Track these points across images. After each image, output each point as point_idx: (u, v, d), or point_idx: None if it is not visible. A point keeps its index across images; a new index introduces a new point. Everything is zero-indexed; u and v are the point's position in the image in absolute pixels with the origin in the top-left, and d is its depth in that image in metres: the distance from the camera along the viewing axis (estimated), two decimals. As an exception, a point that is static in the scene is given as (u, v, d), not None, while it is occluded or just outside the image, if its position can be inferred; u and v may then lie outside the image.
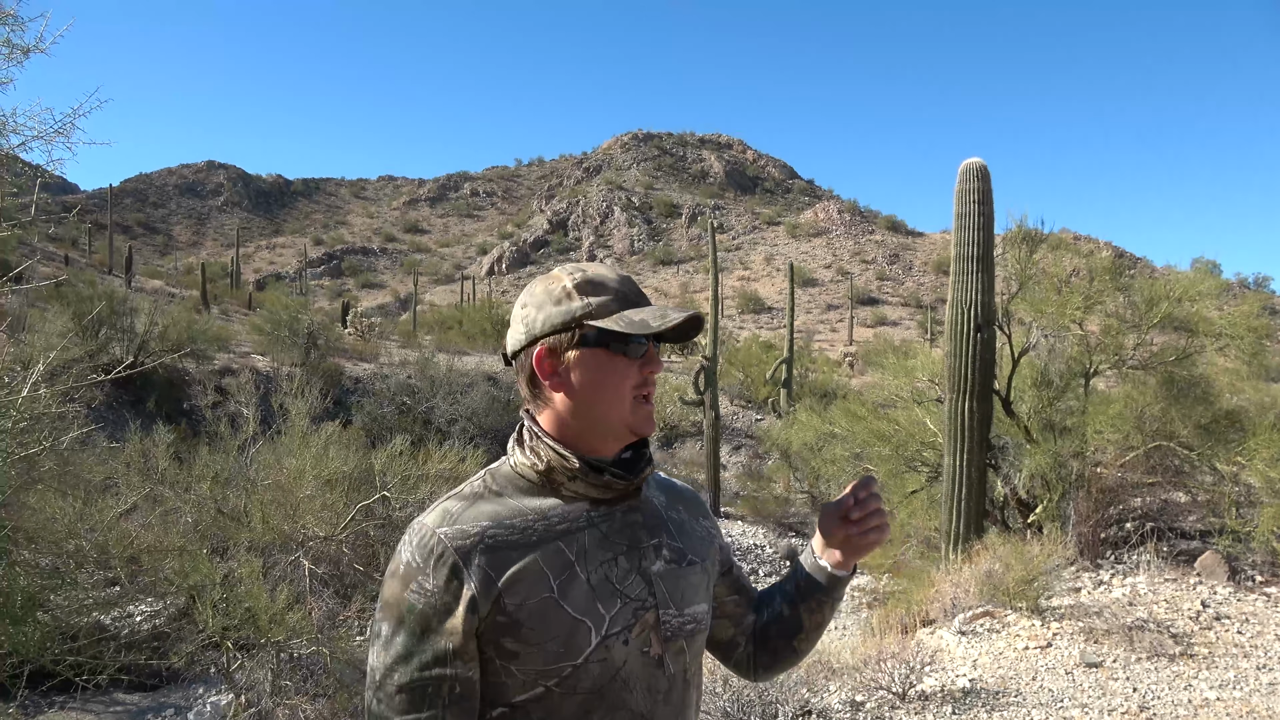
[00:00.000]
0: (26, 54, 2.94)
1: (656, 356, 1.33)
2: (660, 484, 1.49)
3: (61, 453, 4.47)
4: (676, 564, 1.36)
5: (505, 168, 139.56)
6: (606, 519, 1.31)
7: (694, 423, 21.13)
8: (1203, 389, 8.99)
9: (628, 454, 1.36)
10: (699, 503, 1.54)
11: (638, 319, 1.27)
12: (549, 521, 1.27)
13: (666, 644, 1.31)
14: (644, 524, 1.35)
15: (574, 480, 1.28)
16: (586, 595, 1.24)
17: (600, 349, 1.28)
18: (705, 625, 1.40)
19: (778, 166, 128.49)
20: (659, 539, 1.36)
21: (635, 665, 1.27)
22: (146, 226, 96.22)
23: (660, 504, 1.43)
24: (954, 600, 7.30)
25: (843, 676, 5.77)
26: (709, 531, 1.49)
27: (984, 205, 8.71)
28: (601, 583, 1.26)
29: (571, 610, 1.22)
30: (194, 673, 6.49)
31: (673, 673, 1.32)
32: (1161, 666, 5.80)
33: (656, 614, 1.30)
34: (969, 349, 8.49)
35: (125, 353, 14.98)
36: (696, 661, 1.40)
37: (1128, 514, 8.91)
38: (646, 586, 1.30)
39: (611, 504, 1.32)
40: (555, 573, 1.23)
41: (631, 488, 1.32)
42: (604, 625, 1.24)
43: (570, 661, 1.22)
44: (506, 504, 1.28)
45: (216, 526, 6.36)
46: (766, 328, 53.03)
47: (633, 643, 1.27)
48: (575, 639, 1.22)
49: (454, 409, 17.69)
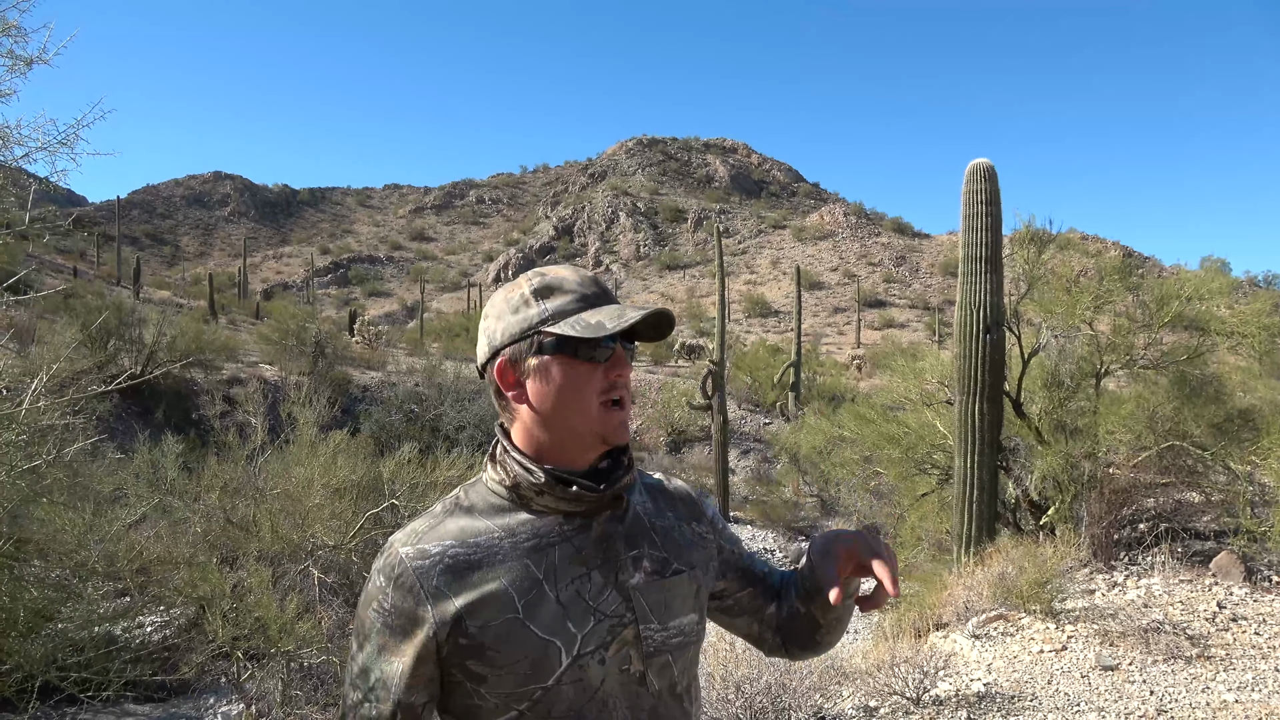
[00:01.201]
0: (30, 65, 2.94)
1: (624, 359, 1.26)
2: (649, 487, 1.42)
3: (70, 464, 4.47)
4: (659, 575, 1.29)
5: (510, 175, 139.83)
6: (581, 532, 1.25)
7: (702, 427, 21.09)
8: (1215, 388, 8.93)
9: (604, 463, 1.29)
10: (692, 502, 1.45)
11: (594, 321, 1.21)
12: (516, 539, 1.22)
13: (649, 660, 1.25)
14: (623, 535, 1.29)
15: (541, 495, 1.23)
16: (556, 614, 1.19)
17: (560, 355, 1.23)
18: (695, 636, 1.33)
19: (783, 170, 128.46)
20: (639, 549, 1.29)
21: (614, 684, 1.22)
22: (154, 238, 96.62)
23: (645, 511, 1.36)
24: (967, 604, 7.25)
25: (855, 681, 5.73)
26: (700, 535, 1.41)
27: (991, 206, 8.67)
28: (573, 600, 1.20)
29: (539, 631, 1.17)
30: (205, 683, 6.49)
31: (658, 689, 1.27)
32: (1178, 669, 5.74)
33: (636, 630, 1.24)
34: (978, 350, 8.44)
35: (134, 363, 15.03)
36: (689, 674, 1.34)
37: (1141, 515, 8.84)
38: (624, 602, 1.24)
39: (588, 516, 1.26)
40: (521, 593, 1.18)
41: (606, 499, 1.26)
42: (575, 645, 1.19)
43: (540, 684, 1.17)
44: (476, 522, 1.23)
45: (225, 536, 6.36)
46: (774, 331, 52.95)
47: (610, 661, 1.22)
48: (545, 660, 1.17)
49: (462, 416, 17.69)
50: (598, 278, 1.30)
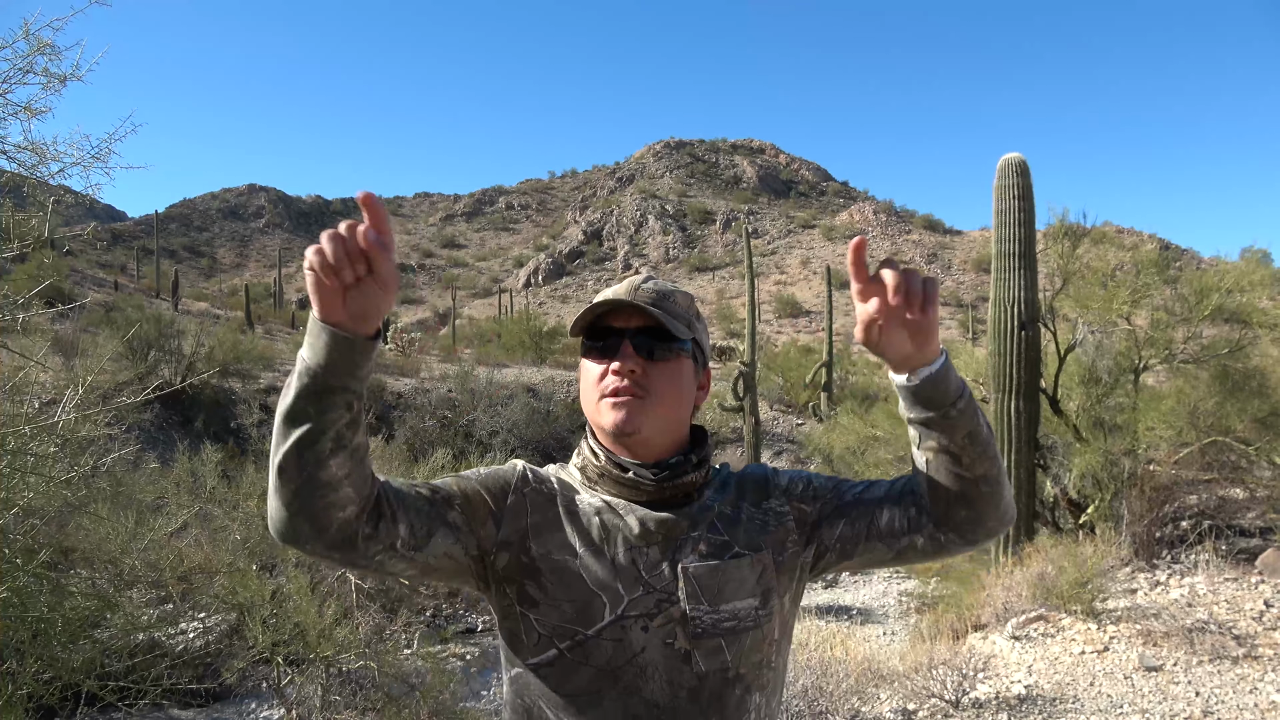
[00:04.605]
0: (64, 82, 3.01)
1: (621, 353, 1.28)
2: (723, 480, 1.40)
3: (112, 473, 4.55)
4: (717, 559, 1.29)
5: (539, 180, 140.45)
6: (649, 508, 1.31)
7: (734, 429, 21.03)
8: (1258, 381, 8.75)
9: (677, 457, 1.33)
10: (762, 482, 1.40)
11: (576, 318, 1.33)
12: (594, 499, 1.33)
13: (696, 641, 1.26)
14: (688, 518, 1.32)
15: (603, 478, 1.33)
16: (608, 572, 1.27)
17: (582, 355, 1.36)
18: (755, 622, 1.29)
19: (811, 169, 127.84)
20: (699, 532, 1.31)
21: (656, 655, 1.25)
22: (191, 250, 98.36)
23: (714, 499, 1.36)
24: (1005, 604, 7.16)
25: (893, 684, 5.68)
26: (774, 512, 1.36)
27: (1024, 201, 8.57)
28: (627, 567, 1.27)
29: (589, 581, 1.26)
30: (246, 688, 6.59)
31: (704, 670, 1.26)
32: (1224, 669, 5.62)
33: (683, 609, 1.26)
34: (1014, 347, 8.34)
35: (173, 374, 15.29)
36: (751, 661, 1.30)
37: (1183, 512, 8.68)
38: (675, 580, 1.27)
39: (653, 506, 1.30)
40: (583, 542, 1.29)
41: (665, 492, 1.31)
42: (621, 606, 1.25)
43: (582, 629, 1.25)
44: (566, 481, 1.37)
45: (265, 543, 6.45)
46: (805, 331, 52.66)
47: (654, 631, 1.25)
48: (590, 609, 1.25)
49: (494, 421, 17.79)
50: (641, 284, 1.35)
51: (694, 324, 1.37)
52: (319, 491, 1.10)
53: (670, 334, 1.30)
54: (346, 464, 1.11)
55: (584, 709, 1.25)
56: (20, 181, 3.23)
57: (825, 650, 6.26)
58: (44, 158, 3.02)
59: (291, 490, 1.10)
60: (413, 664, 5.87)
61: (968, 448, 1.22)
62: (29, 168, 3.11)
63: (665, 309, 1.33)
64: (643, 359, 1.29)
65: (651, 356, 1.30)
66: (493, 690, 6.93)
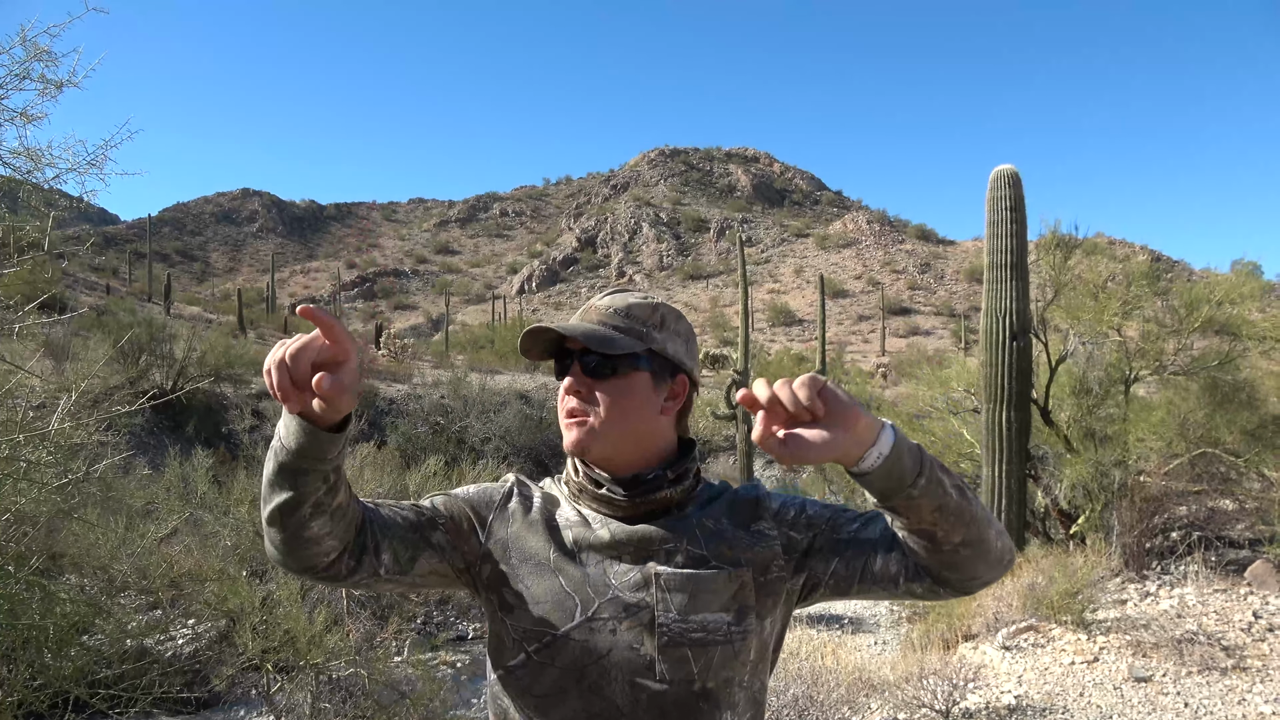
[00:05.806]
0: (60, 88, 3.01)
1: (570, 373, 1.34)
2: (710, 497, 1.39)
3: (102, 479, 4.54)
4: (692, 568, 1.28)
5: (533, 187, 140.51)
6: (622, 522, 1.33)
7: (726, 437, 21.04)
8: (1248, 393, 8.80)
9: (653, 473, 1.32)
10: (752, 505, 1.38)
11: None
12: (563, 521, 1.37)
13: (664, 650, 1.25)
14: (664, 530, 1.31)
15: (583, 492, 1.36)
16: (580, 579, 1.30)
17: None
18: (726, 637, 1.27)
19: (805, 178, 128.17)
20: (675, 544, 1.30)
21: (620, 658, 1.26)
22: (184, 254, 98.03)
23: (694, 515, 1.34)
24: (996, 614, 7.17)
25: (884, 694, 5.68)
26: (760, 534, 1.34)
27: (1016, 212, 8.63)
28: (599, 576, 1.30)
29: (562, 586, 1.30)
30: (235, 695, 6.56)
31: (669, 679, 1.25)
32: (1213, 680, 5.65)
33: (652, 615, 1.26)
34: (1005, 358, 8.38)
35: (165, 379, 15.24)
36: (721, 677, 1.27)
37: (1173, 523, 8.71)
38: (646, 586, 1.28)
39: (630, 520, 1.32)
40: (556, 550, 1.33)
41: (639, 509, 1.32)
42: (591, 608, 1.28)
43: (551, 631, 1.28)
44: (551, 494, 1.42)
45: (255, 549, 6.42)
46: (798, 340, 52.75)
47: (621, 634, 1.27)
48: (560, 611, 1.29)
49: (487, 428, 17.78)
50: (597, 302, 1.39)
51: (652, 333, 1.34)
52: (302, 545, 1.21)
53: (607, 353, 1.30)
54: (327, 524, 1.21)
55: (549, 709, 1.28)
56: (15, 187, 3.22)
57: (816, 659, 6.27)
58: (39, 163, 3.02)
59: (278, 541, 1.22)
60: (403, 671, 5.86)
61: (939, 521, 1.17)
62: (24, 173, 3.11)
63: (614, 325, 1.33)
64: (589, 379, 1.31)
65: (597, 375, 1.31)
66: (483, 698, 6.91)
